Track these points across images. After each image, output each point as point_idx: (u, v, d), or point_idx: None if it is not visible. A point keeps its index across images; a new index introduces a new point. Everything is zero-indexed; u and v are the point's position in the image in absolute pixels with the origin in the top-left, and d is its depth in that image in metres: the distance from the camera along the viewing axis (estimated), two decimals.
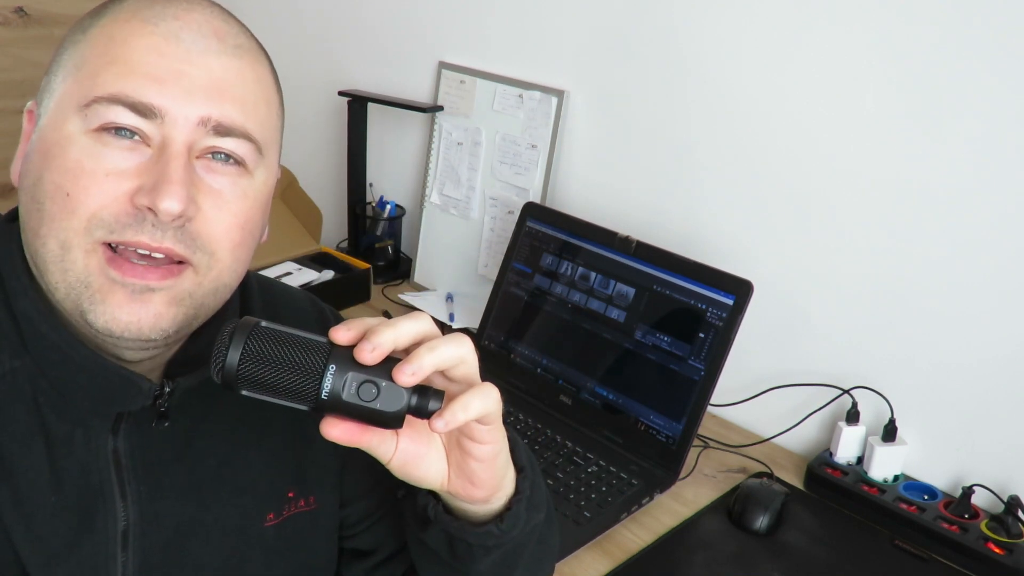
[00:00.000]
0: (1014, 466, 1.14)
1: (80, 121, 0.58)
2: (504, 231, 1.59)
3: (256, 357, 0.55)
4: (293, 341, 0.56)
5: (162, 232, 0.58)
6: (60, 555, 0.63)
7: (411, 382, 0.56)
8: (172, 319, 0.60)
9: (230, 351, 0.55)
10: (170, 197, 0.57)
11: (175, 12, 0.61)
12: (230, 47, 0.62)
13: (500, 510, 0.66)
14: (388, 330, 0.56)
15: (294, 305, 0.81)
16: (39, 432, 0.62)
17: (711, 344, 1.19)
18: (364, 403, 0.55)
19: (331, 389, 0.55)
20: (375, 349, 0.55)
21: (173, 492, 0.67)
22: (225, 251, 0.61)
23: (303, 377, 0.55)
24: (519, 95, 1.56)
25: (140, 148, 0.58)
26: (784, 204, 1.29)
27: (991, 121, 1.09)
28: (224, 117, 0.60)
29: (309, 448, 0.76)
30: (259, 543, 0.72)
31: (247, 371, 0.55)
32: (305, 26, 1.97)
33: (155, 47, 0.59)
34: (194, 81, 0.59)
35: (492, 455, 0.62)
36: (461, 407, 0.56)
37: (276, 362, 0.55)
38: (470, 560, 0.67)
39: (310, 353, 0.56)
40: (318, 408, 0.57)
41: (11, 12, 1.91)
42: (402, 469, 0.62)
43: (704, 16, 1.32)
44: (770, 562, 1.07)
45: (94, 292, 0.58)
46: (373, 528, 0.81)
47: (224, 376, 0.55)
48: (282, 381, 0.55)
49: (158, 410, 0.65)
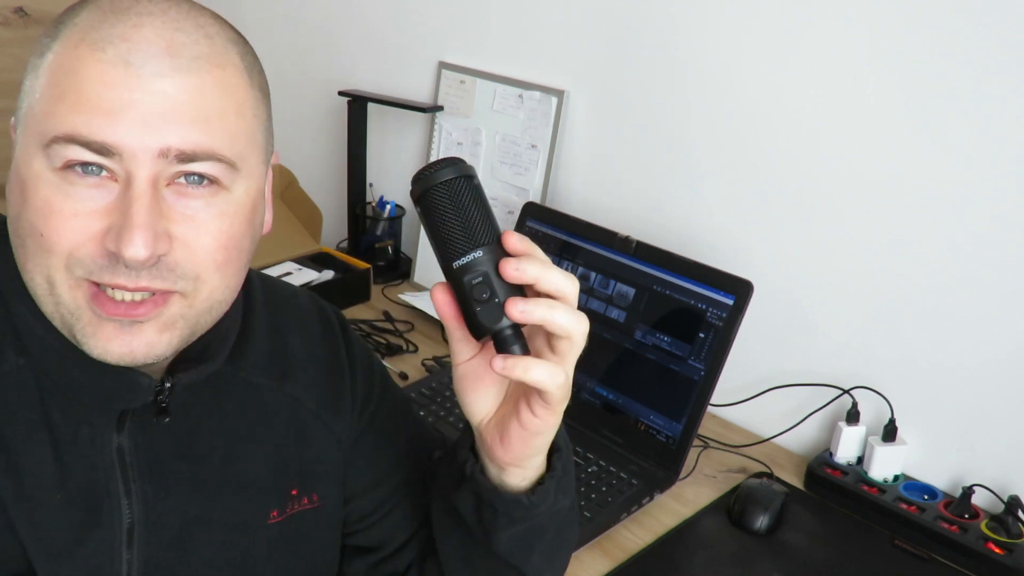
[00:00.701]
0: (1014, 466, 1.14)
1: (44, 159, 0.56)
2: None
3: (451, 193, 0.59)
4: (483, 209, 0.60)
5: (136, 273, 0.56)
6: (65, 551, 0.63)
7: (516, 316, 0.58)
8: (167, 344, 0.60)
9: (444, 171, 0.59)
10: (133, 245, 0.54)
11: (123, 32, 0.56)
12: (185, 61, 0.57)
13: (531, 486, 0.67)
14: (540, 267, 0.58)
15: (296, 303, 0.81)
16: (44, 428, 0.63)
17: (711, 344, 1.19)
18: (472, 297, 0.59)
19: (465, 264, 0.59)
20: (517, 270, 0.58)
21: (177, 489, 0.68)
22: (210, 273, 0.60)
23: (462, 237, 0.59)
24: (519, 95, 1.56)
25: (107, 184, 0.56)
26: (784, 204, 1.29)
27: (992, 121, 1.09)
28: (185, 143, 0.56)
29: (312, 446, 0.76)
30: (263, 540, 0.73)
31: (437, 198, 0.59)
32: (305, 26, 1.98)
33: (103, 76, 0.55)
34: (147, 109, 0.55)
35: (536, 431, 0.63)
36: (523, 366, 0.58)
37: (459, 208, 0.59)
38: (494, 528, 0.67)
39: (483, 227, 0.59)
40: (446, 270, 0.60)
41: (11, 12, 1.91)
42: (461, 380, 0.64)
43: (704, 16, 1.32)
44: (770, 562, 1.07)
45: (84, 325, 0.58)
46: (376, 524, 0.81)
47: (421, 187, 0.59)
48: (448, 227, 0.59)
49: (159, 406, 0.65)
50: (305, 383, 0.76)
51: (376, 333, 1.56)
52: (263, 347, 0.75)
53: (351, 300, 1.66)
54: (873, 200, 1.20)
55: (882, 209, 1.20)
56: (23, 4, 1.92)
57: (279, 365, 0.75)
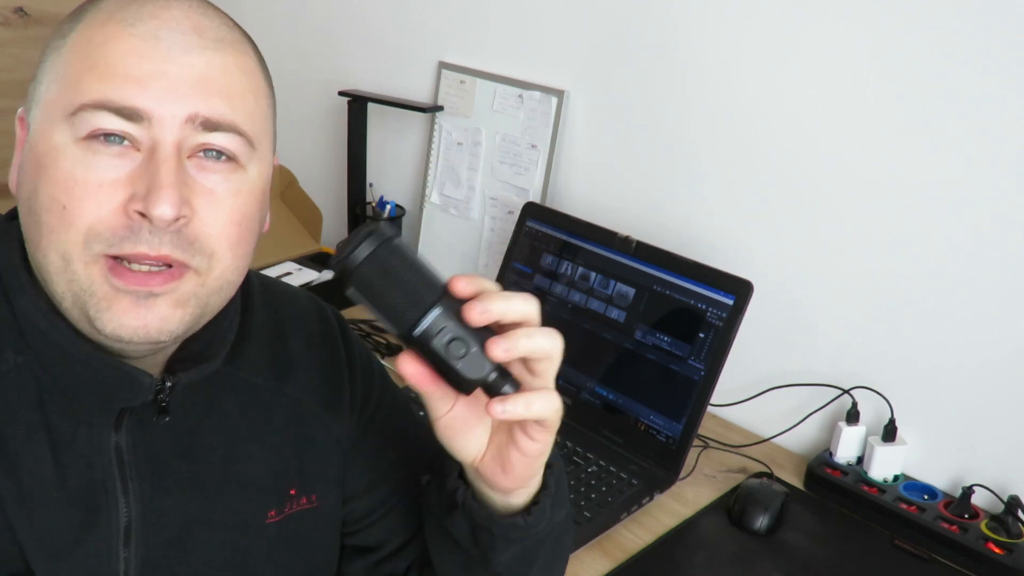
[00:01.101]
0: (1014, 466, 1.14)
1: (68, 130, 0.58)
2: (504, 231, 1.59)
3: (378, 265, 0.56)
4: (416, 268, 0.57)
5: (159, 239, 0.58)
6: (63, 550, 0.63)
7: (500, 358, 0.56)
8: (179, 321, 0.61)
9: (358, 248, 0.56)
10: (163, 202, 0.56)
11: (151, 11, 0.59)
12: (211, 41, 0.60)
13: (526, 503, 0.67)
14: (500, 300, 0.57)
15: (296, 304, 0.81)
16: (42, 427, 0.63)
17: (711, 344, 1.19)
18: (449, 357, 0.56)
19: (427, 328, 0.56)
20: (484, 312, 0.56)
21: (176, 488, 0.68)
22: (224, 250, 0.61)
23: (409, 305, 0.56)
24: (519, 95, 1.56)
25: (130, 153, 0.58)
26: (784, 204, 1.29)
27: (992, 121, 1.09)
28: (212, 112, 0.59)
29: (311, 445, 0.76)
30: (261, 540, 0.73)
31: (365, 274, 0.56)
32: (305, 26, 1.97)
33: (135, 49, 0.58)
34: (177, 79, 0.58)
35: (536, 453, 0.63)
36: (524, 403, 0.57)
37: (393, 279, 0.56)
38: (492, 551, 0.67)
39: (425, 286, 0.57)
40: (406, 339, 0.57)
41: (11, 12, 1.91)
42: (445, 431, 0.63)
43: (704, 16, 1.32)
44: (770, 562, 1.07)
45: (99, 300, 0.58)
46: (376, 524, 0.81)
47: (343, 269, 0.57)
48: (389, 298, 0.57)
49: (159, 405, 0.65)
50: (304, 383, 0.76)
51: (376, 333, 1.56)
52: (262, 347, 0.75)
53: (351, 300, 1.65)
54: (873, 200, 1.20)
55: (882, 209, 1.20)
56: (23, 4, 1.92)
57: (278, 365, 0.75)
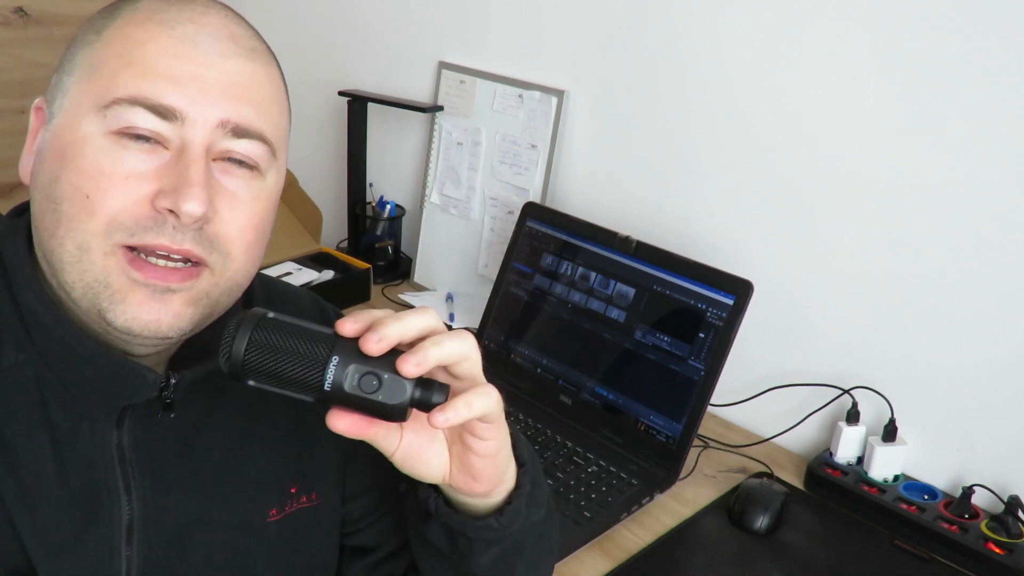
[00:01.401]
0: (1014, 466, 1.14)
1: (98, 122, 0.59)
2: (504, 231, 1.59)
3: (262, 347, 0.55)
4: (299, 332, 0.56)
5: (182, 234, 0.59)
6: (65, 547, 0.63)
7: (414, 373, 0.56)
8: (190, 318, 0.62)
9: (236, 340, 0.55)
10: (192, 200, 0.57)
11: (191, 16, 0.61)
12: (245, 50, 0.63)
13: (500, 504, 0.67)
14: (394, 323, 0.56)
15: (297, 304, 0.81)
16: (44, 425, 0.63)
17: (711, 344, 1.19)
18: (366, 395, 0.55)
19: (334, 380, 0.55)
20: (380, 340, 0.55)
21: (177, 486, 0.68)
22: (239, 252, 0.63)
23: (307, 367, 0.55)
24: (519, 95, 1.56)
25: (159, 151, 0.59)
26: (785, 204, 1.29)
27: (992, 121, 1.09)
28: (242, 119, 0.61)
29: (312, 444, 0.76)
30: (262, 538, 0.73)
31: (253, 361, 0.56)
32: (305, 26, 1.97)
33: (173, 50, 0.60)
34: (212, 83, 0.60)
35: (494, 451, 0.62)
36: (464, 404, 0.57)
37: (281, 352, 0.55)
38: (470, 554, 0.68)
39: (315, 343, 0.56)
40: (322, 399, 0.57)
41: (11, 12, 1.91)
42: (405, 463, 0.63)
43: (704, 16, 1.32)
44: (770, 562, 1.07)
45: (114, 292, 0.59)
46: (375, 525, 0.81)
47: (231, 366, 0.56)
48: (286, 371, 0.56)
49: (163, 402, 0.65)
50: None
51: None
52: None
53: (351, 300, 1.66)
54: (873, 200, 1.20)
55: (882, 209, 1.20)
56: (23, 4, 1.92)
57: None
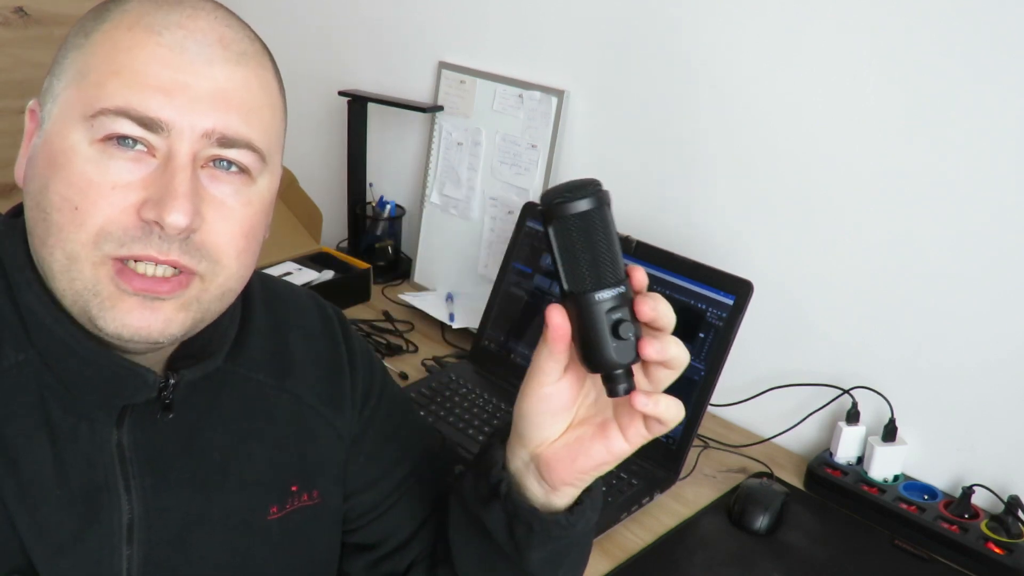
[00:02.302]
0: (1014, 466, 1.14)
1: (85, 131, 0.58)
2: (504, 231, 1.59)
3: (588, 221, 0.56)
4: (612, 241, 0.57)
5: (168, 244, 0.58)
6: (65, 547, 0.63)
7: (652, 357, 0.58)
8: (181, 324, 0.61)
9: (580, 201, 0.56)
10: (176, 212, 0.57)
11: (179, 20, 0.60)
12: (235, 55, 0.61)
13: (567, 504, 0.67)
14: (664, 304, 0.58)
15: (297, 303, 0.81)
16: (43, 424, 0.63)
17: (711, 344, 1.19)
18: (611, 331, 0.57)
19: (604, 299, 0.57)
20: (654, 310, 0.58)
21: (177, 485, 0.68)
22: (230, 259, 0.62)
23: (600, 269, 0.57)
24: (519, 95, 1.56)
25: (145, 159, 0.59)
26: (785, 204, 1.29)
27: (992, 121, 1.09)
28: (228, 128, 0.60)
29: (312, 442, 0.76)
30: (263, 536, 0.73)
31: (573, 223, 0.56)
32: (305, 26, 1.97)
33: (160, 58, 0.59)
34: (199, 92, 0.59)
35: (621, 455, 0.64)
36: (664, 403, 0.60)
37: (595, 238, 0.57)
38: (528, 546, 0.68)
39: (615, 261, 0.57)
40: (573, 300, 0.58)
41: (11, 12, 1.91)
42: (538, 404, 0.64)
43: (704, 16, 1.32)
44: (770, 562, 1.07)
45: (103, 300, 0.59)
46: (376, 522, 0.81)
47: (560, 208, 0.56)
48: (583, 255, 0.57)
49: (163, 402, 0.65)
50: (305, 380, 0.76)
51: (376, 333, 1.56)
52: (263, 344, 0.75)
53: (351, 300, 1.66)
54: (873, 200, 1.20)
55: (882, 209, 1.20)
56: (23, 4, 1.92)
57: (279, 362, 0.75)
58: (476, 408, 1.31)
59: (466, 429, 1.26)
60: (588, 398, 0.65)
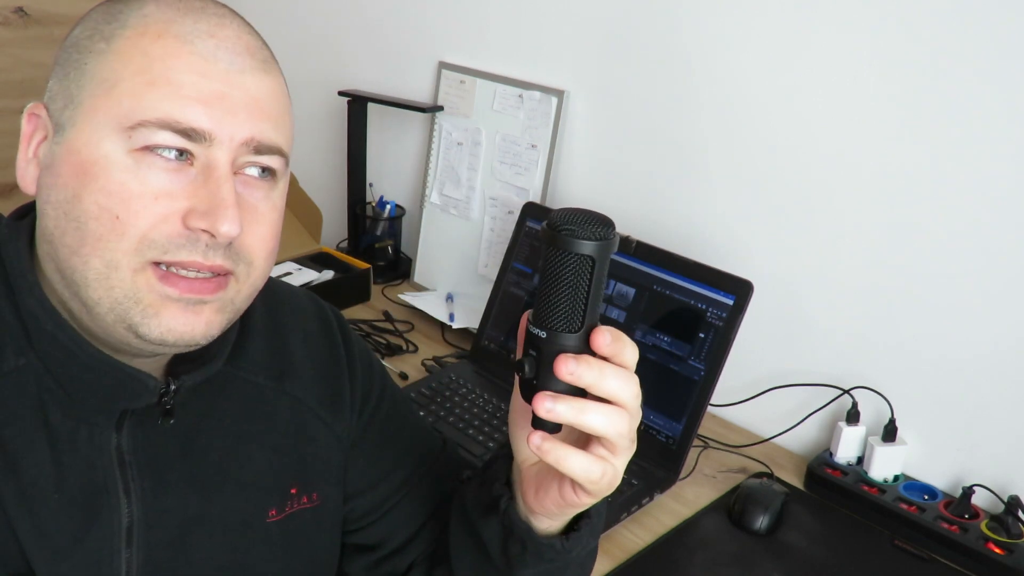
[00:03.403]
0: (1014, 466, 1.14)
1: (121, 141, 0.58)
2: (504, 231, 1.59)
3: (582, 265, 0.55)
4: (600, 289, 0.57)
5: (214, 251, 0.59)
6: (65, 550, 0.63)
7: (540, 413, 0.56)
8: (219, 325, 0.63)
9: (593, 241, 0.56)
10: (229, 222, 0.58)
11: (208, 29, 0.60)
12: (260, 63, 0.62)
13: (561, 527, 0.67)
14: (594, 372, 0.55)
15: (296, 305, 0.81)
16: (43, 428, 0.63)
17: (711, 344, 1.19)
18: (520, 366, 0.58)
19: (534, 334, 0.57)
20: (571, 374, 0.55)
21: (177, 488, 0.68)
22: (262, 260, 0.64)
23: (567, 313, 0.56)
24: (519, 95, 1.56)
25: (185, 168, 0.59)
26: (785, 204, 1.29)
27: (992, 120, 1.09)
28: (264, 136, 0.61)
29: (312, 444, 0.76)
30: (262, 538, 0.73)
31: (571, 263, 0.55)
32: (305, 26, 1.97)
33: (196, 68, 0.59)
34: (236, 102, 0.60)
35: (574, 507, 0.63)
36: (562, 454, 0.57)
37: (579, 282, 0.56)
38: (519, 564, 0.67)
39: (573, 311, 0.56)
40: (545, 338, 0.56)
41: (11, 12, 1.91)
42: (520, 419, 0.63)
43: (704, 15, 1.32)
44: (770, 562, 1.07)
45: (146, 307, 0.59)
46: (377, 523, 0.81)
47: (564, 237, 0.55)
48: (561, 296, 0.56)
49: (163, 407, 0.65)
50: (305, 382, 0.76)
51: (376, 333, 1.56)
52: (262, 346, 0.75)
53: (351, 300, 1.66)
54: (873, 200, 1.20)
55: (882, 209, 1.20)
56: (23, 4, 1.92)
57: (279, 364, 0.75)
58: (476, 408, 1.31)
59: (466, 429, 1.26)
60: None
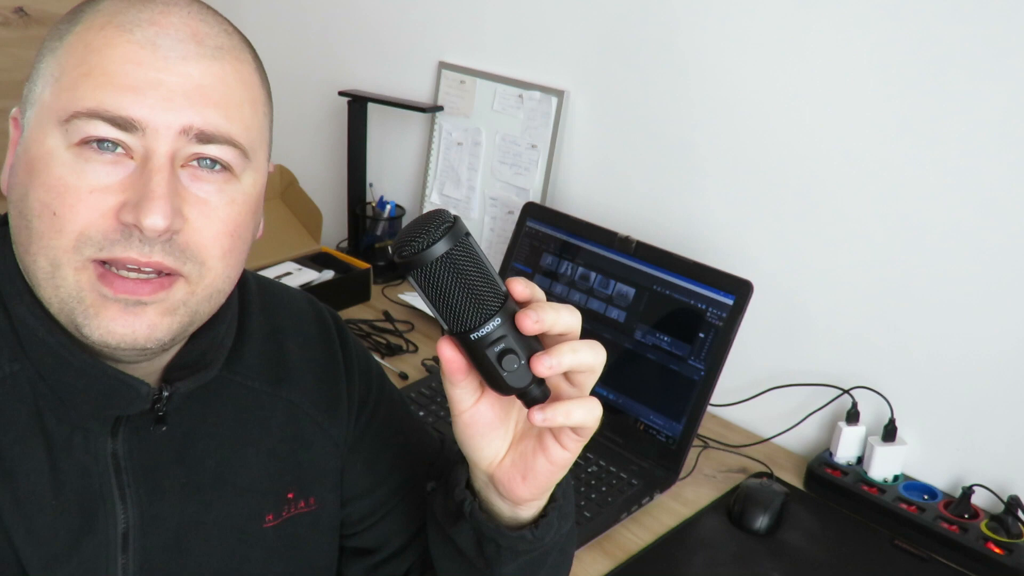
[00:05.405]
0: (1014, 466, 1.14)
1: (61, 136, 0.57)
2: (504, 231, 1.59)
3: (450, 264, 0.55)
4: (483, 271, 0.56)
5: (150, 247, 0.57)
6: (61, 557, 0.63)
7: (544, 373, 0.57)
8: (167, 328, 0.60)
9: (435, 245, 0.54)
10: (154, 213, 0.55)
11: (151, 16, 0.58)
12: (209, 50, 0.59)
13: (534, 516, 0.67)
14: (552, 312, 0.57)
15: (293, 305, 0.80)
16: (39, 435, 0.62)
17: (711, 344, 1.19)
18: (495, 364, 0.56)
19: (484, 335, 0.56)
20: (537, 323, 0.56)
21: (172, 494, 0.67)
22: (215, 259, 0.60)
23: (471, 308, 0.56)
24: (519, 95, 1.56)
25: (123, 161, 0.57)
26: (785, 204, 1.29)
27: (992, 120, 1.09)
28: (206, 124, 0.58)
29: (309, 449, 0.76)
30: (259, 544, 0.72)
31: (435, 271, 0.55)
32: (305, 26, 1.98)
33: (131, 56, 0.57)
34: (173, 89, 0.57)
35: (565, 463, 0.63)
36: (564, 412, 0.58)
37: (461, 280, 0.55)
38: (497, 563, 0.67)
39: (489, 292, 0.56)
40: (459, 338, 0.57)
41: (11, 12, 1.91)
42: (466, 430, 0.63)
43: (704, 16, 1.32)
44: (770, 562, 1.07)
45: (87, 307, 0.58)
46: (375, 526, 0.81)
47: (413, 259, 0.55)
48: (452, 298, 0.56)
49: (156, 414, 0.65)
50: (301, 386, 0.76)
51: (376, 333, 1.56)
52: (259, 351, 0.74)
53: (351, 300, 1.66)
54: (873, 200, 1.20)
55: (882, 209, 1.20)
56: (23, 4, 1.92)
57: (275, 369, 0.75)
58: None
59: None
60: (522, 413, 0.64)
